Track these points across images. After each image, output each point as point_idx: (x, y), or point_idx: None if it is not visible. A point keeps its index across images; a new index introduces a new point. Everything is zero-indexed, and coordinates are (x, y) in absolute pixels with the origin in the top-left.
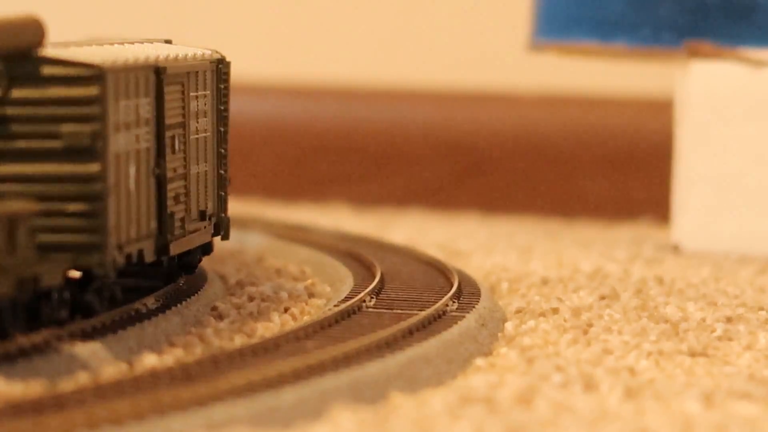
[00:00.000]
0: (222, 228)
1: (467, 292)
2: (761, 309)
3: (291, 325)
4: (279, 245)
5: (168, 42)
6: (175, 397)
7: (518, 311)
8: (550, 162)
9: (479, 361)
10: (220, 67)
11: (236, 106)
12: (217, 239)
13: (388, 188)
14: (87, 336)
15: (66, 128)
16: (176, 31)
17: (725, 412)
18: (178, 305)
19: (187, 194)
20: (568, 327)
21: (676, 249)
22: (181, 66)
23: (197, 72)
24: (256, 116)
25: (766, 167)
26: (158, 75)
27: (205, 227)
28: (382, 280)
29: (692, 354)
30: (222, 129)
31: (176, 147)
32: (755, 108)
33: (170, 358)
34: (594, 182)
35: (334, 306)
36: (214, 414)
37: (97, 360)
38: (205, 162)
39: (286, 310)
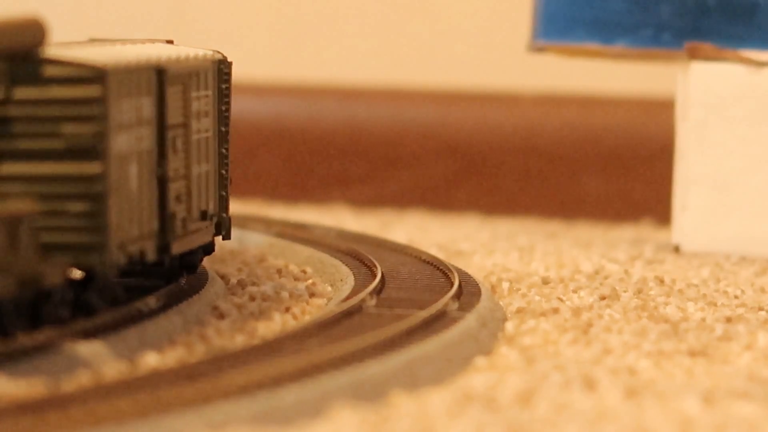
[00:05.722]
0: (223, 228)
1: (468, 292)
2: (761, 309)
3: (292, 324)
4: (280, 245)
5: (169, 42)
6: (177, 396)
7: (519, 311)
8: (550, 162)
9: (479, 361)
10: (221, 68)
11: (237, 106)
12: (218, 239)
13: (389, 189)
14: (89, 335)
15: (68, 128)
16: (178, 32)
17: (725, 412)
18: (180, 305)
19: (188, 194)
20: (569, 327)
21: (676, 249)
22: (183, 66)
23: (199, 72)
24: (257, 117)
25: (767, 168)
26: (160, 75)
27: (206, 227)
28: (382, 280)
29: (692, 354)
30: (223, 129)
31: (178, 147)
32: (756, 109)
33: (172, 357)
34: (594, 183)
35: (335, 306)
36: (215, 413)
37: (98, 359)
38: (207, 162)
39: (287, 309)
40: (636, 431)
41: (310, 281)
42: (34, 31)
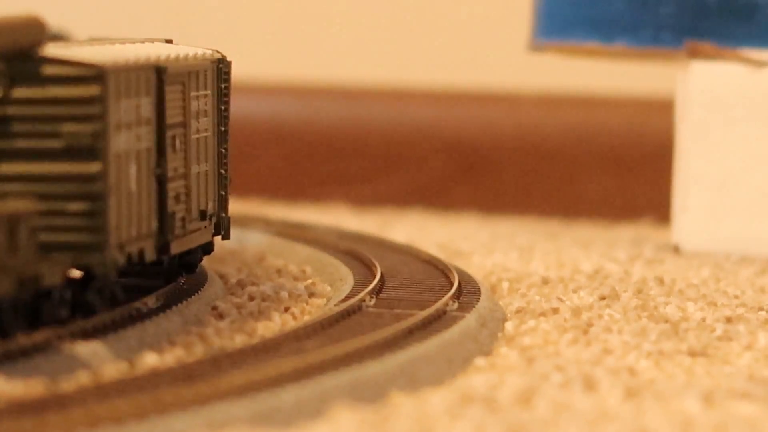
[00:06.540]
0: (222, 227)
1: (467, 292)
2: (761, 309)
3: (291, 324)
4: (279, 245)
5: (169, 42)
6: (176, 397)
7: (518, 311)
8: (550, 162)
9: (479, 361)
10: (220, 67)
11: (237, 106)
12: (217, 239)
13: (389, 188)
14: (88, 335)
15: (67, 128)
16: (177, 31)
17: (725, 412)
18: (179, 305)
19: (187, 194)
20: (569, 327)
21: (676, 249)
22: (182, 66)
23: (198, 72)
24: (256, 116)
25: (767, 168)
26: (159, 75)
27: (205, 227)
28: (382, 280)
29: (692, 354)
30: (222, 129)
31: (177, 146)
32: (756, 108)
33: (171, 357)
34: (594, 182)
35: (335, 306)
36: (214, 413)
37: (97, 359)
38: (206, 162)
39: (286, 309)
40: (636, 431)
41: (309, 281)
42: (33, 31)
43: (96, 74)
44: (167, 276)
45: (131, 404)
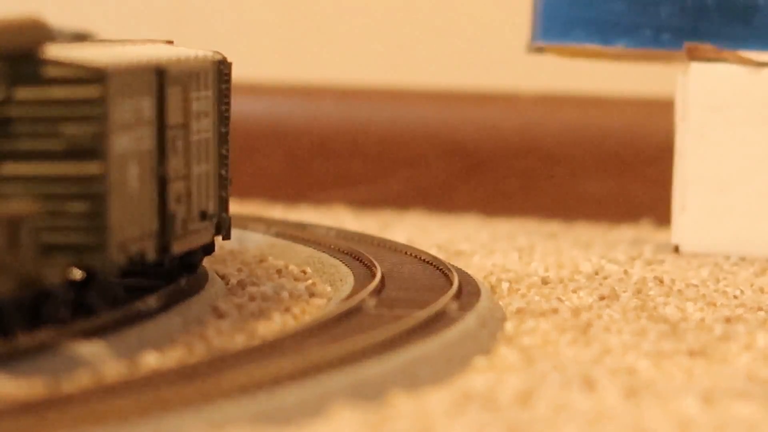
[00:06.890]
0: (223, 228)
1: (467, 292)
2: (760, 309)
3: (292, 324)
4: (280, 245)
5: (169, 43)
6: (177, 396)
7: (518, 311)
8: (550, 163)
9: (479, 361)
10: (221, 68)
11: (237, 106)
12: (218, 239)
13: (389, 189)
14: (89, 335)
15: (68, 129)
16: (178, 32)
17: (724, 412)
18: (180, 305)
19: (188, 194)
20: (568, 327)
21: (676, 250)
22: (183, 67)
23: (199, 73)
24: (257, 117)
25: (766, 169)
26: (160, 76)
27: (206, 227)
28: (382, 280)
29: (691, 354)
30: (223, 130)
31: (178, 148)
32: (755, 109)
33: (172, 357)
34: (594, 183)
35: (335, 306)
36: (215, 413)
37: (99, 359)
38: (207, 162)
39: (287, 309)
40: (635, 431)
41: (310, 281)
42: (34, 31)
43: (97, 76)
44: (168, 276)
45: (132, 404)
